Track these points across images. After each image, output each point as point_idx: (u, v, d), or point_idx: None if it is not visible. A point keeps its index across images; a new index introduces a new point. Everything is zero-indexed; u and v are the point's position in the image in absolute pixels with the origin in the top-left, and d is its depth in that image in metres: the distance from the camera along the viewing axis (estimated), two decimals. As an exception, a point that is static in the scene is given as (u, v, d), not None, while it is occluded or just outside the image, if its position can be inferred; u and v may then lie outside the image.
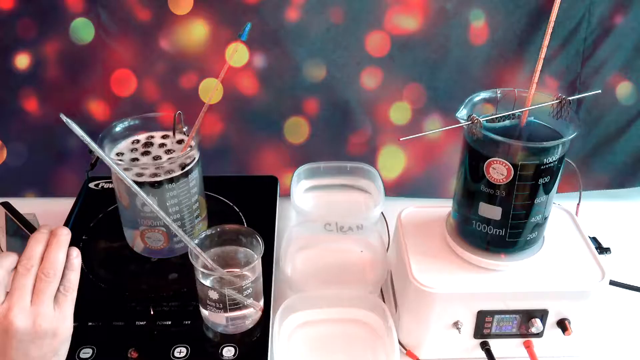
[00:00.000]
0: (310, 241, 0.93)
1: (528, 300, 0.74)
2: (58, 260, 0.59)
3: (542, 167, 0.68)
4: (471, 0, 0.99)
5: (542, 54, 0.69)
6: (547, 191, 0.71)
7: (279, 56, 1.02)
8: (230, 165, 1.08)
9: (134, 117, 0.83)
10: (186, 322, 0.76)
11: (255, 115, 1.06)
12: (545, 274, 0.75)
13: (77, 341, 0.72)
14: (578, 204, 0.91)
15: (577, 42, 1.01)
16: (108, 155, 0.75)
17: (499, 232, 0.73)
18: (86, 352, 0.71)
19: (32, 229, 0.64)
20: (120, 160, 0.79)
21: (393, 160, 1.08)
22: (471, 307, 0.74)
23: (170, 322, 0.76)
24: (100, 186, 0.99)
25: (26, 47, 1.01)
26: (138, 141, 0.82)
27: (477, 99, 0.74)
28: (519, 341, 0.77)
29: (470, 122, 0.69)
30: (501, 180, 0.69)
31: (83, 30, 1.00)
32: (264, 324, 0.76)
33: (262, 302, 0.77)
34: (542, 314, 0.75)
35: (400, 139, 0.68)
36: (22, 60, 1.02)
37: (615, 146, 1.07)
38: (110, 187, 0.98)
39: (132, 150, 0.81)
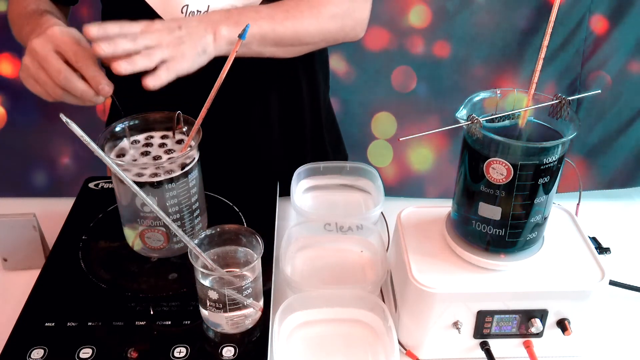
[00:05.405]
0: (310, 241, 0.93)
1: (528, 300, 0.74)
2: None
3: (542, 167, 0.68)
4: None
5: (542, 54, 0.69)
6: (547, 191, 0.71)
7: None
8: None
9: (134, 117, 0.83)
10: (186, 322, 0.76)
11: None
12: (545, 274, 0.75)
13: (77, 341, 0.72)
14: (578, 204, 0.91)
15: (577, 42, 1.01)
16: (108, 155, 0.75)
17: (499, 232, 0.73)
18: (86, 352, 0.71)
19: None
20: (121, 160, 0.79)
21: None
22: (471, 307, 0.74)
23: (170, 322, 0.76)
24: (100, 186, 0.99)
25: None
26: (138, 141, 0.82)
27: (476, 99, 0.74)
28: (518, 341, 0.77)
29: (470, 122, 0.69)
30: (501, 180, 0.69)
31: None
32: (263, 323, 0.76)
33: (261, 302, 0.77)
34: (542, 314, 0.75)
35: (400, 139, 0.68)
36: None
37: (615, 146, 1.07)
38: (110, 187, 0.98)
39: (131, 150, 0.81)
